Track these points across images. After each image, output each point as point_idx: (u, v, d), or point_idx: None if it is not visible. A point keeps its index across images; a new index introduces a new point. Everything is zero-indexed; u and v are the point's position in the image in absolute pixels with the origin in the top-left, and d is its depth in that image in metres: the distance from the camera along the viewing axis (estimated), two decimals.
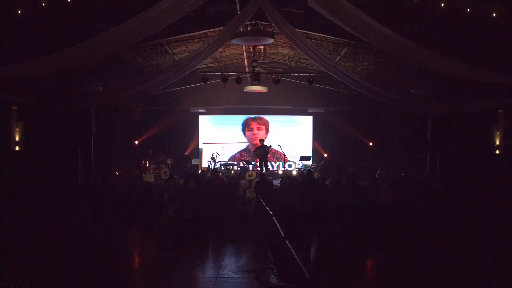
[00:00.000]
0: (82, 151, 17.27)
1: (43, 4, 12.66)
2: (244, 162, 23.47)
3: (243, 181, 17.34)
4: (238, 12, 13.85)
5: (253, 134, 25.70)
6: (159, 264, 11.38)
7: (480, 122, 18.77)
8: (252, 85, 21.58)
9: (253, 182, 16.39)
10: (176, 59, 19.24)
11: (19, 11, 12.84)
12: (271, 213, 10.39)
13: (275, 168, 24.96)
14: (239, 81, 20.00)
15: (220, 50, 17.67)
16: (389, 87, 16.51)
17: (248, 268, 10.83)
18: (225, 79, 19.62)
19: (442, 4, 12.78)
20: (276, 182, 19.03)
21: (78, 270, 10.45)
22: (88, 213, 15.05)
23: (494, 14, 12.85)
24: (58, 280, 9.81)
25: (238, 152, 25.65)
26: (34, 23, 13.40)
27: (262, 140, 22.41)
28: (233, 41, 14.21)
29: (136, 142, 23.86)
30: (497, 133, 19.04)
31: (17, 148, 18.15)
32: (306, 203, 14.68)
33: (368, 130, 24.54)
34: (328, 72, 15.86)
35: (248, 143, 25.78)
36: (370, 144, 24.56)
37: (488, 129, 19.31)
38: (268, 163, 22.79)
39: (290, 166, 24.30)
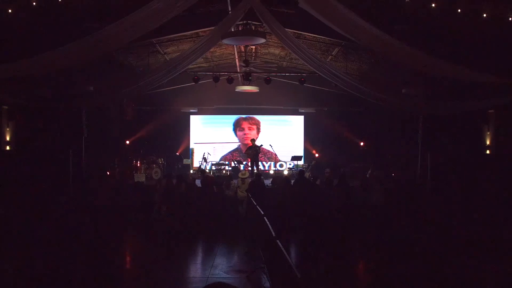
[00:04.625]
0: (73, 151, 17.24)
1: (34, 4, 12.63)
2: (235, 162, 23.48)
3: (234, 181, 17.37)
4: (230, 12, 13.87)
5: (245, 134, 25.70)
6: (150, 263, 11.38)
7: (470, 122, 18.84)
8: (244, 85, 21.57)
9: (246, 181, 16.40)
10: (168, 59, 19.24)
11: (10, 10, 12.81)
12: (262, 213, 10.41)
13: (267, 168, 24.96)
14: (230, 81, 20.00)
15: (211, 50, 17.65)
16: (379, 87, 16.56)
17: (239, 268, 10.87)
18: (216, 79, 19.60)
19: (433, 5, 12.83)
20: (268, 182, 19.05)
21: (69, 270, 10.44)
22: (79, 212, 15.03)
23: (484, 15, 12.91)
24: (49, 280, 9.79)
25: (230, 152, 25.63)
26: (25, 22, 13.36)
27: (253, 140, 22.40)
28: (225, 41, 14.22)
29: (128, 142, 23.82)
30: (488, 133, 19.14)
31: (7, 148, 18.11)
32: (297, 203, 14.73)
33: (359, 130, 24.60)
34: (319, 73, 15.89)
35: (239, 143, 25.77)
36: (361, 144, 24.62)
37: (478, 129, 19.40)
38: (260, 163, 22.77)
39: (281, 166, 24.37)
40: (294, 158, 23.09)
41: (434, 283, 9.95)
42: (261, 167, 23.30)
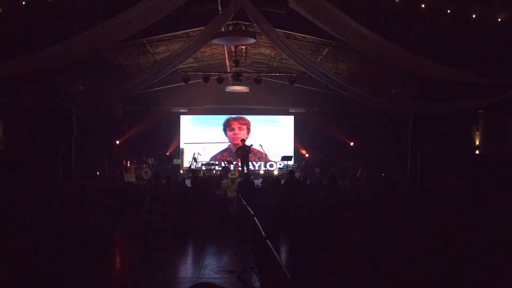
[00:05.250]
0: (62, 151, 17.17)
1: (23, 3, 12.57)
2: (225, 162, 23.48)
3: (224, 181, 17.38)
4: (220, 12, 13.85)
5: (235, 134, 25.69)
6: (140, 264, 11.36)
7: (460, 122, 18.92)
8: (234, 85, 21.59)
9: (235, 181, 16.43)
10: (158, 59, 19.19)
11: None
12: (252, 213, 10.41)
13: (257, 168, 24.96)
14: (220, 81, 19.99)
15: (201, 49, 17.62)
16: (369, 88, 16.59)
17: (229, 268, 10.85)
18: (206, 79, 19.60)
19: (423, 5, 12.87)
20: (258, 182, 19.07)
21: (59, 270, 10.41)
22: (69, 213, 14.97)
23: (474, 15, 12.96)
24: (40, 280, 9.75)
25: (220, 152, 25.61)
26: (14, 21, 13.30)
27: (243, 140, 22.42)
28: (215, 41, 14.18)
29: (117, 142, 23.76)
30: (477, 133, 19.22)
31: None
32: (287, 203, 14.74)
33: (349, 130, 24.66)
34: (309, 73, 15.91)
35: (229, 143, 25.76)
36: (351, 144, 24.68)
37: (468, 129, 19.49)
38: (250, 163, 22.77)
39: (271, 166, 24.37)
40: (284, 158, 23.11)
41: (425, 282, 9.98)
42: (251, 167, 23.33)
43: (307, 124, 25.37)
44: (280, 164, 23.98)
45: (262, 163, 24.84)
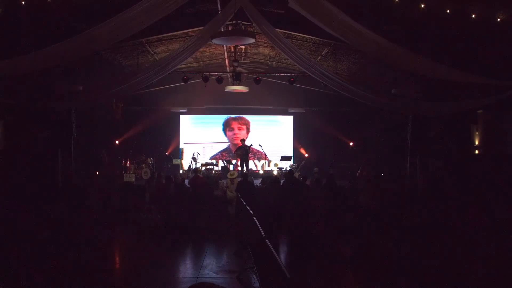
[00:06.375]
0: (62, 151, 17.16)
1: (23, 3, 12.56)
2: (225, 162, 23.46)
3: (223, 181, 17.37)
4: (219, 12, 13.85)
5: (234, 134, 25.67)
6: (139, 264, 11.37)
7: (459, 122, 18.91)
8: (233, 85, 21.57)
9: (235, 181, 16.42)
10: (157, 59, 19.18)
11: None
12: (251, 213, 10.41)
13: (258, 168, 24.93)
14: (220, 81, 19.97)
15: (201, 49, 17.62)
16: (369, 88, 16.59)
17: (229, 268, 10.89)
18: (206, 79, 19.58)
19: (422, 5, 12.86)
20: (257, 182, 19.05)
21: (59, 270, 10.41)
22: (68, 213, 14.98)
23: (473, 15, 12.96)
24: (38, 280, 9.75)
25: (219, 152, 25.59)
26: (14, 21, 13.28)
27: (243, 140, 22.43)
28: (214, 41, 14.18)
29: (117, 142, 23.74)
30: (476, 133, 19.20)
31: None
32: (286, 203, 14.73)
33: (348, 130, 24.65)
34: (308, 73, 15.91)
35: (229, 143, 25.75)
36: (351, 144, 24.66)
37: (467, 129, 19.47)
38: (249, 163, 22.77)
39: (270, 165, 24.36)
40: (284, 158, 23.07)
41: (425, 282, 9.99)
42: (251, 167, 23.32)
43: (306, 124, 25.36)
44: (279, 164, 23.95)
45: (262, 162, 24.81)
